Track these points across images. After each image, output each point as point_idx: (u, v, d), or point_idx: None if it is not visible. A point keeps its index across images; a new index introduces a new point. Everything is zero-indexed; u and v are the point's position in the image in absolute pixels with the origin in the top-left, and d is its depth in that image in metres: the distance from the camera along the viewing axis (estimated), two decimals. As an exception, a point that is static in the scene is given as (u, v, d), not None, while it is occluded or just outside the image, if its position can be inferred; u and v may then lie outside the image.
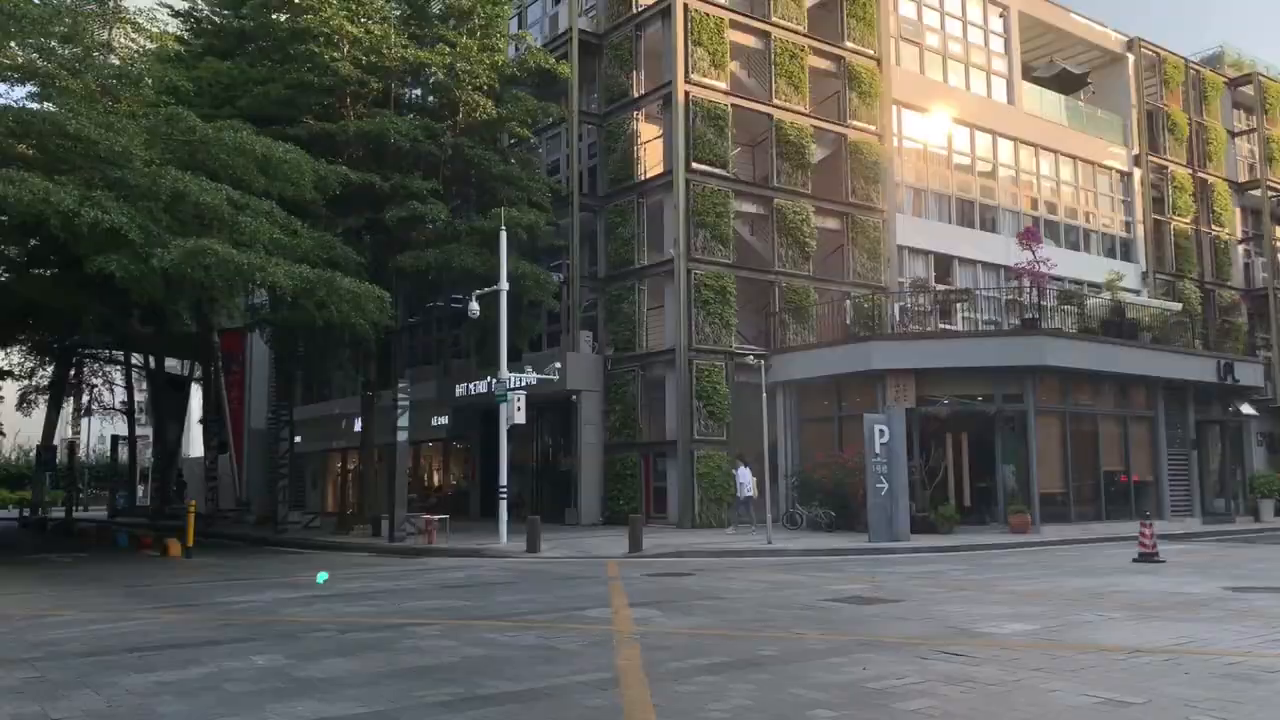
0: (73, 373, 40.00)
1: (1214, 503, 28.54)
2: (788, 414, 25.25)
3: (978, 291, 28.38)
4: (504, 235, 21.58)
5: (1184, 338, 29.66)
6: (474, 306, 22.03)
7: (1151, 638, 8.51)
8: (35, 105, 19.26)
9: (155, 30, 21.79)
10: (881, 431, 19.77)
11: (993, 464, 23.08)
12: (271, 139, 19.26)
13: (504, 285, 21.41)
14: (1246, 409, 29.46)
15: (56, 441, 39.32)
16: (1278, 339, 36.03)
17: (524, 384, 21.78)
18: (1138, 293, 32.88)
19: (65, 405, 40.36)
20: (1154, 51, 37.14)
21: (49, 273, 24.01)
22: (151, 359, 39.35)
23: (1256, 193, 39.04)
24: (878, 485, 19.64)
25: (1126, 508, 24.69)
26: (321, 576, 14.71)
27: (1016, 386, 23.11)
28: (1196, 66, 38.74)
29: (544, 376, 22.25)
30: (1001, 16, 33.05)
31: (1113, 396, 25.82)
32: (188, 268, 16.41)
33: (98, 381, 45.90)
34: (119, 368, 44.14)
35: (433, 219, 23.67)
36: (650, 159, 27.09)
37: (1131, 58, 36.71)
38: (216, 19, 26.20)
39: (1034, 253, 24.37)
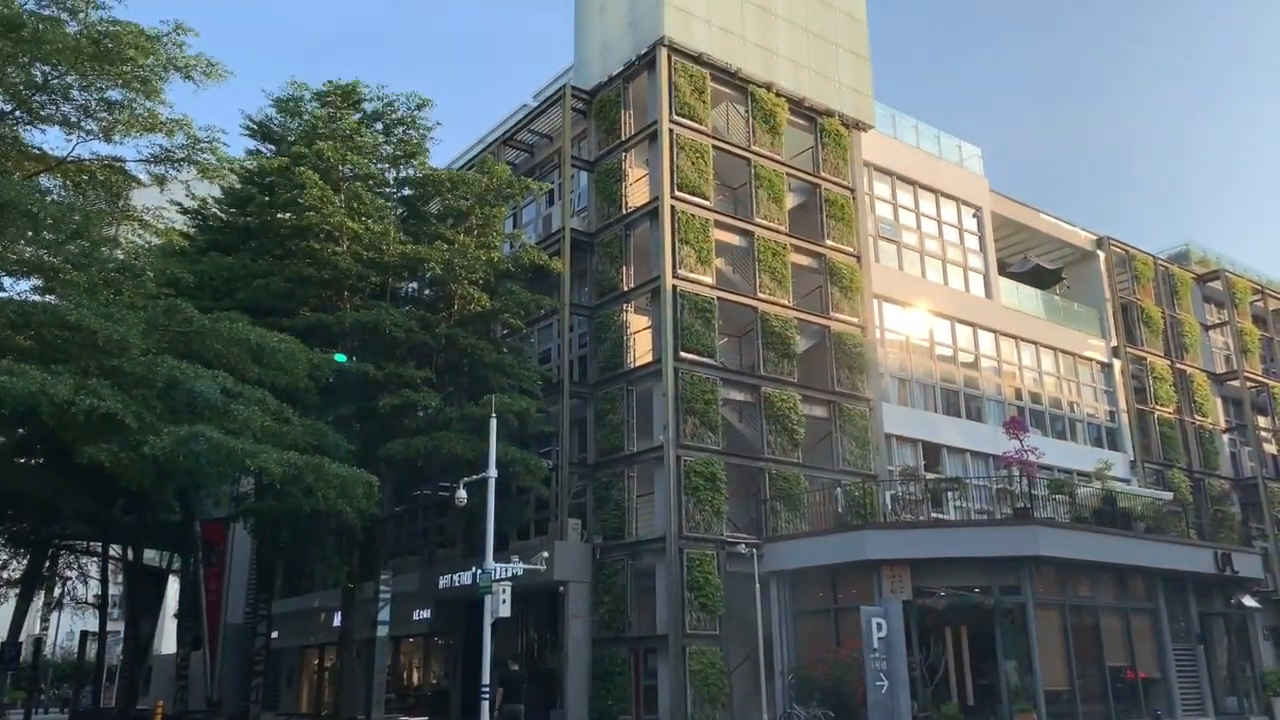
0: (47, 565, 38.97)
1: (1226, 701, 27.47)
2: (782, 606, 24.59)
3: (968, 480, 28.35)
4: (494, 422, 21.68)
5: (1178, 527, 29.43)
6: (461, 494, 21.83)
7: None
8: (37, 298, 19.75)
9: (162, 226, 22.72)
10: (879, 625, 19.26)
11: (994, 659, 22.31)
12: (267, 329, 19.66)
13: (492, 472, 21.30)
14: (1249, 601, 28.87)
15: (23, 638, 37.84)
16: (1273, 529, 35.80)
17: (510, 574, 21.29)
18: (1128, 481, 32.92)
19: (35, 599, 39.08)
20: (1123, 249, 38.79)
21: (34, 461, 23.87)
22: (130, 550, 38.48)
23: (1235, 384, 39.80)
24: (878, 683, 18.94)
25: (1136, 706, 23.73)
26: None
27: (1013, 577, 22.68)
28: (1165, 263, 40.39)
29: (530, 567, 21.79)
30: (974, 216, 34.64)
31: (1112, 588, 25.33)
32: (179, 454, 16.37)
33: (72, 574, 44.66)
34: (95, 559, 43.07)
35: (424, 406, 23.85)
36: (639, 348, 27.61)
37: (1102, 254, 38.28)
38: (223, 216, 27.29)
39: (1021, 442, 24.53)
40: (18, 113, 20.30)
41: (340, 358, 19.82)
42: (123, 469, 16.41)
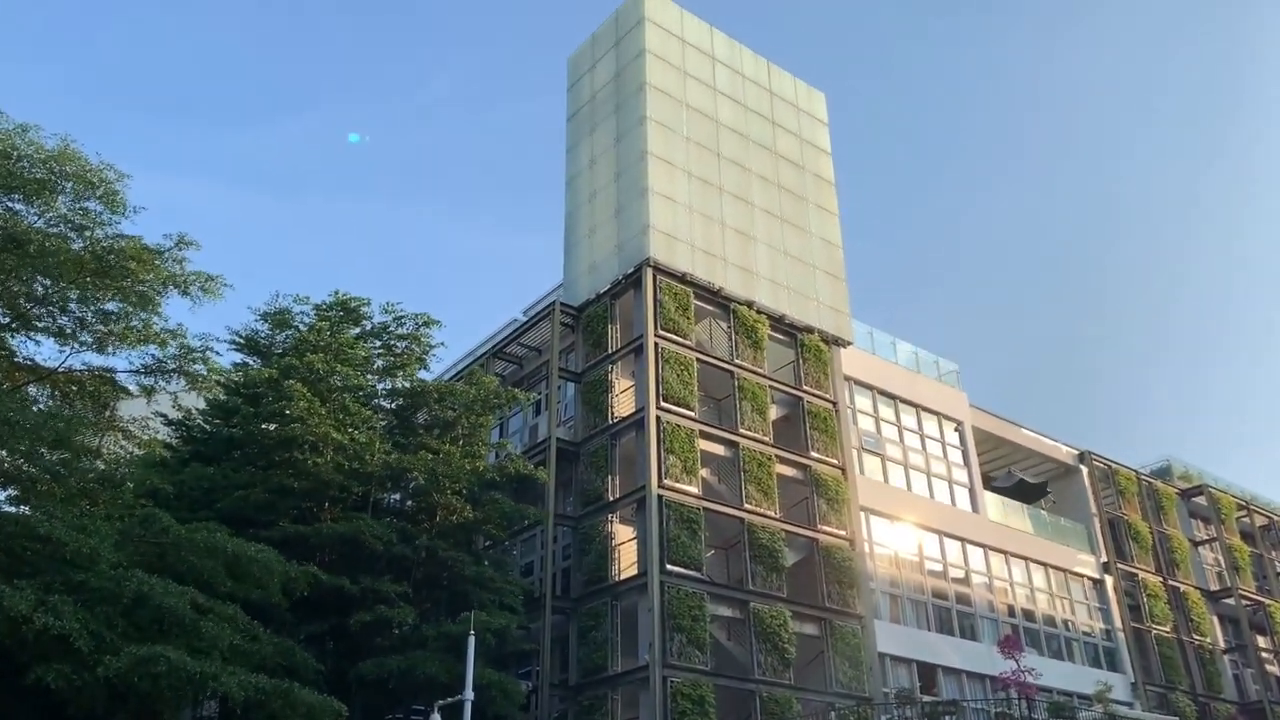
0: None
1: None
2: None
3: (965, 704, 27.16)
4: (471, 641, 20.83)
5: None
6: (436, 718, 20.65)
7: None
8: (10, 509, 19.33)
9: (145, 438, 22.59)
10: None
11: None
12: (244, 540, 19.20)
13: (469, 695, 20.25)
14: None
15: None
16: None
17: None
18: (1130, 705, 31.63)
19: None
20: (1105, 464, 39.05)
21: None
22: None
23: (1230, 601, 39.09)
24: None
25: None
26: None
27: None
28: (1148, 478, 40.58)
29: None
30: (956, 430, 35.02)
31: (1125, 823, 23.79)
32: (135, 676, 15.55)
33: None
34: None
35: (400, 623, 22.99)
36: (625, 560, 27.05)
37: (1085, 469, 38.49)
38: (207, 427, 27.23)
39: (1018, 662, 23.70)
40: (14, 324, 20.61)
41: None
42: (74, 691, 15.53)
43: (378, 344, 27.94)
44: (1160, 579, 37.42)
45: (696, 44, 34.00)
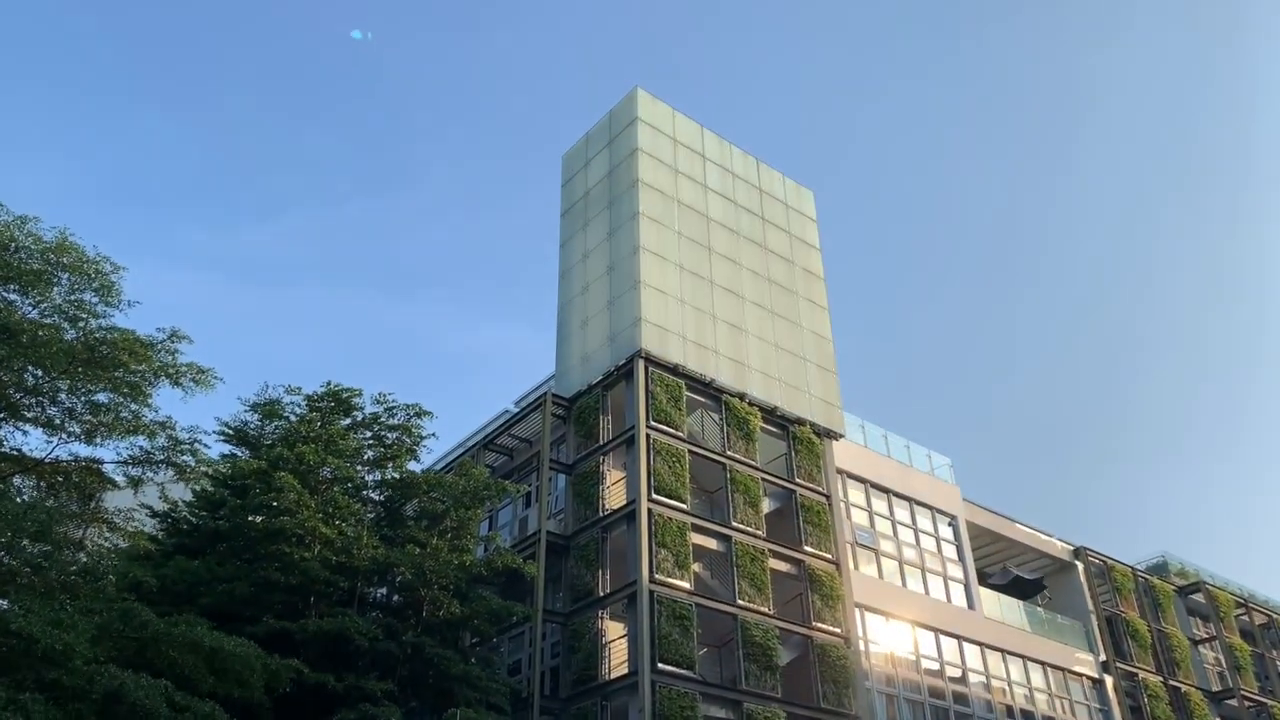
0: None
1: None
2: None
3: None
4: (457, 743, 20.23)
5: None
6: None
7: None
8: (-14, 602, 18.90)
9: (130, 530, 22.23)
10: None
11: None
12: (225, 635, 18.75)
13: (453, 800, 19.57)
14: None
15: None
16: None
17: None
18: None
19: None
20: (1101, 560, 38.67)
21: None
22: None
23: (1233, 702, 38.27)
24: None
25: None
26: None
27: None
28: (1144, 575, 40.14)
29: None
30: (950, 525, 34.75)
31: None
32: (107, 777, 15.01)
33: None
34: None
35: (383, 722, 22.29)
36: (615, 658, 26.44)
37: (1080, 565, 38.09)
38: (193, 519, 26.87)
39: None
40: (2, 414, 20.48)
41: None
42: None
43: (369, 434, 27.79)
44: (1161, 679, 36.69)
45: (687, 143, 34.86)
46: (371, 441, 27.70)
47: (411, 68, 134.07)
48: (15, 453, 21.08)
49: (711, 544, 28.36)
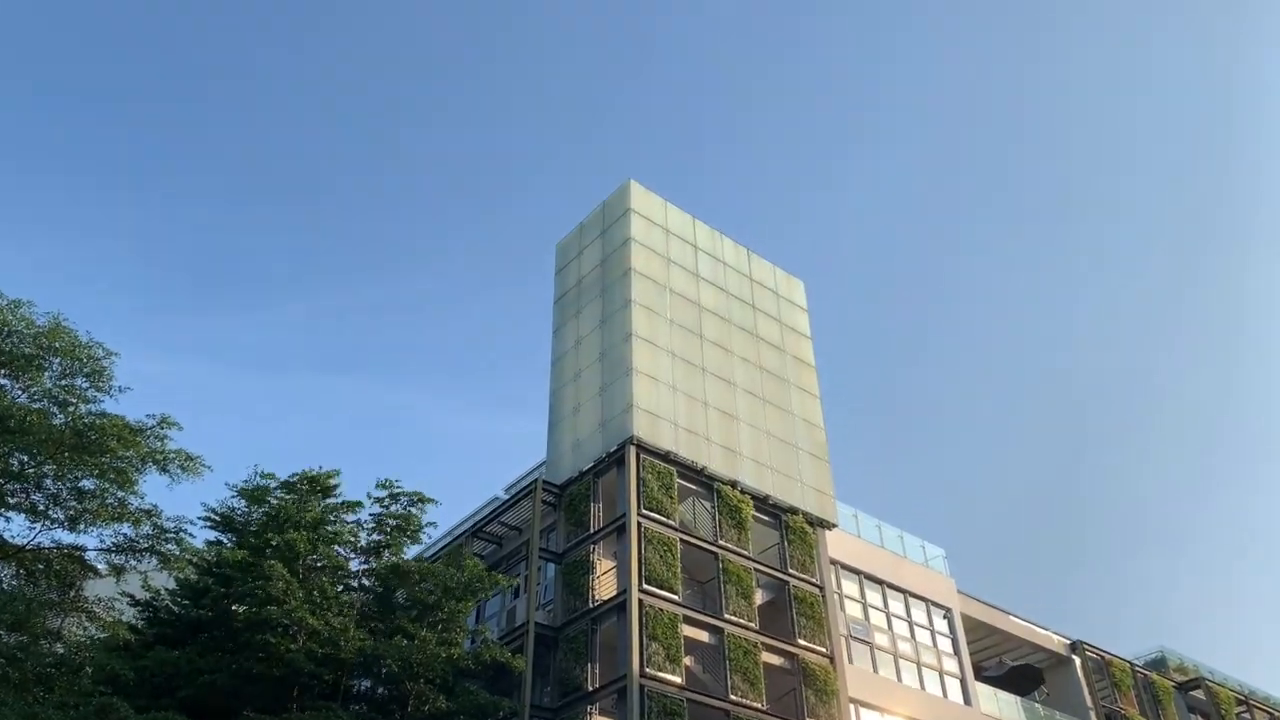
0: None
1: None
2: None
3: None
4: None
5: None
6: None
7: None
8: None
9: (110, 619, 21.72)
10: None
11: None
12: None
13: None
14: None
15: None
16: None
17: None
18: None
19: None
20: (1099, 654, 38.07)
21: None
22: None
23: (1238, 801, 37.29)
24: None
25: None
26: None
27: None
28: (1143, 670, 39.48)
29: None
30: (945, 618, 34.27)
31: None
32: None
33: None
34: None
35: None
36: (604, 758, 25.71)
37: (1078, 660, 37.47)
38: (175, 608, 26.30)
39: None
40: (-16, 500, 20.18)
41: None
42: None
43: (370, 519, 27.41)
44: (1164, 778, 35.85)
45: (679, 233, 35.37)
46: (372, 527, 27.32)
47: (407, 161, 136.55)
48: (-4, 539, 20.73)
49: (703, 636, 27.85)
